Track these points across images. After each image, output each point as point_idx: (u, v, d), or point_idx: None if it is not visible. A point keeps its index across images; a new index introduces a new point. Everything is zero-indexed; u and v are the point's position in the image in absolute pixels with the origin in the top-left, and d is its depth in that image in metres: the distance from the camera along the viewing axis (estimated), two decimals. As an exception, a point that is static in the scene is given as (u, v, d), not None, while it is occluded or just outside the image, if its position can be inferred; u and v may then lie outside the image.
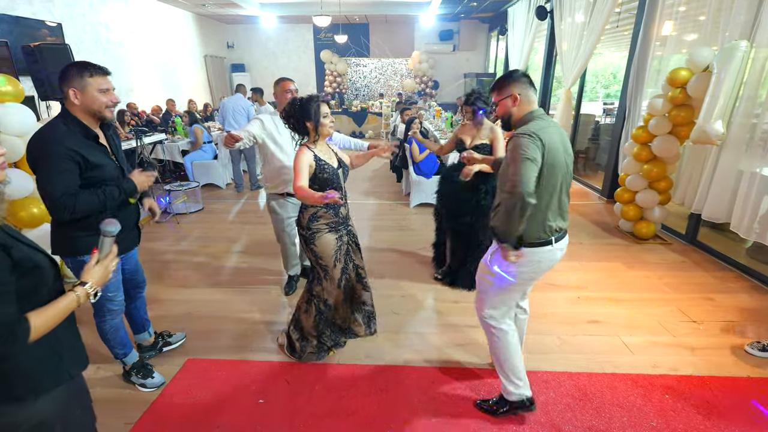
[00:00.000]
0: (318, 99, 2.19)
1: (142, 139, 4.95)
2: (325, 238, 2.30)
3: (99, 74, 1.78)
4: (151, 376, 2.33)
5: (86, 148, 1.78)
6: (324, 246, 2.30)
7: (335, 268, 2.36)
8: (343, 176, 2.37)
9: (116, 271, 2.10)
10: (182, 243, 4.48)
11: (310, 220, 2.28)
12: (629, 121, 5.21)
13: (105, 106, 1.81)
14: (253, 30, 13.68)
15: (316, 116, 2.18)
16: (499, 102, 1.90)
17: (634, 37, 5.16)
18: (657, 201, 4.26)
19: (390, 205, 5.75)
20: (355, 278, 2.57)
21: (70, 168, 1.72)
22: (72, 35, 6.91)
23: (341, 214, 2.37)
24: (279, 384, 2.34)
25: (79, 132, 1.79)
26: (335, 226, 2.33)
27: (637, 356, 2.57)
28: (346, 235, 2.42)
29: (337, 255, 2.35)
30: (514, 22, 9.54)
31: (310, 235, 2.29)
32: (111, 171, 1.88)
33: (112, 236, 1.28)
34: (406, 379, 2.38)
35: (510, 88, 1.85)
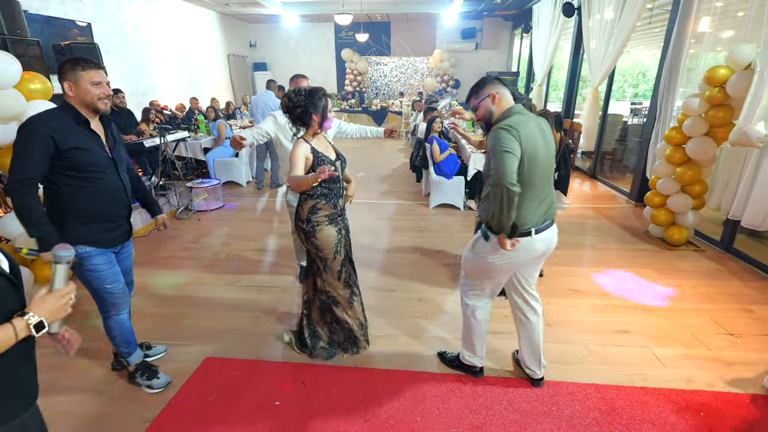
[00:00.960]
0: (325, 93, 2.19)
1: (165, 136, 5.01)
2: (326, 230, 2.30)
3: (91, 67, 1.82)
4: (157, 376, 2.29)
5: (72, 131, 1.81)
6: (325, 238, 2.30)
7: (335, 260, 2.36)
8: (341, 168, 2.36)
9: (110, 263, 2.04)
10: (202, 239, 4.51)
11: (310, 213, 2.28)
12: (660, 121, 5.00)
13: (98, 98, 1.84)
14: (275, 29, 13.80)
15: (324, 110, 2.19)
16: (478, 105, 1.96)
17: (668, 34, 4.95)
18: (690, 205, 4.07)
19: (409, 205, 5.68)
20: (354, 273, 2.57)
21: (39, 150, 1.74)
22: (101, 35, 7.07)
23: (339, 205, 2.36)
24: (296, 386, 2.31)
25: (70, 117, 1.84)
26: (334, 218, 2.33)
27: (669, 369, 2.44)
28: (344, 228, 2.42)
29: (337, 247, 2.35)
30: (539, 19, 9.31)
31: (311, 228, 2.29)
32: (98, 158, 1.89)
33: (67, 263, 1.15)
34: (424, 385, 2.31)
35: (486, 89, 1.94)
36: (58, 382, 2.36)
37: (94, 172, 1.88)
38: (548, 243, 2.00)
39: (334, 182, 2.29)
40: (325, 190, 2.27)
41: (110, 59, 7.14)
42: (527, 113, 1.92)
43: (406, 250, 4.14)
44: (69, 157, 1.80)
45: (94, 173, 1.88)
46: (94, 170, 1.88)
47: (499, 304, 3.00)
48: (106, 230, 2.00)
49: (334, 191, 2.30)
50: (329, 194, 2.28)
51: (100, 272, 2.00)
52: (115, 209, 2.01)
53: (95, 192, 1.90)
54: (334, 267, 2.37)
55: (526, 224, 1.88)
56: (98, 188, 1.91)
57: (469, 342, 2.31)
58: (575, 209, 5.44)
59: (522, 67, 11.89)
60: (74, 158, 1.81)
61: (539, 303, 2.23)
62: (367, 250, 4.07)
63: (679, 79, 4.79)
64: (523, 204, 1.85)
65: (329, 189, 2.27)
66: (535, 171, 1.82)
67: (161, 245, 4.34)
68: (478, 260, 2.03)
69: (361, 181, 6.92)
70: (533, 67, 10.00)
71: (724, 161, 4.05)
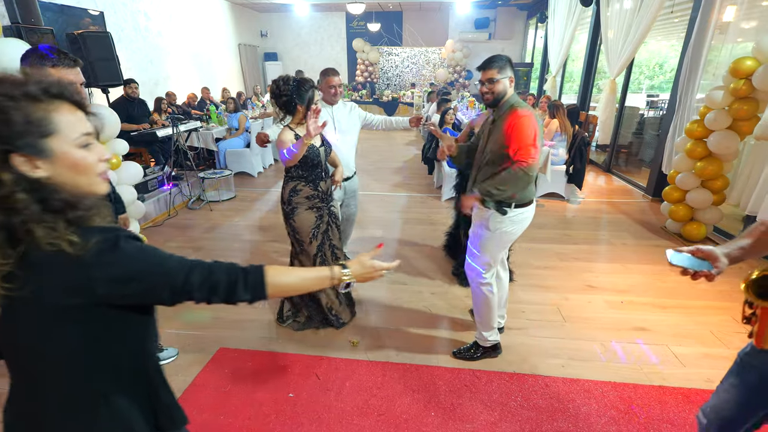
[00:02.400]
0: (313, 85, 2.26)
1: (178, 126, 5.01)
2: (304, 215, 2.40)
3: (65, 64, 1.48)
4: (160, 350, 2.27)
5: None
6: (302, 222, 2.41)
7: (310, 245, 2.44)
8: (325, 153, 2.45)
9: None
10: (215, 230, 4.53)
11: (291, 194, 2.38)
12: (680, 114, 4.87)
13: None
14: (286, 18, 13.71)
15: (309, 102, 2.26)
16: (500, 79, 2.04)
17: (690, 23, 4.80)
18: (710, 201, 3.97)
19: (421, 197, 5.64)
20: (331, 258, 2.59)
21: None
22: (113, 24, 7.07)
23: (321, 188, 2.44)
24: (309, 378, 2.31)
25: None
26: (315, 202, 2.42)
27: (688, 369, 2.39)
28: (327, 215, 2.50)
29: (314, 233, 2.44)
30: (555, 8, 9.11)
31: (290, 209, 2.41)
32: None
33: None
34: (438, 380, 2.29)
35: (508, 69, 2.05)
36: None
37: None
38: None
39: (315, 167, 2.39)
40: (304, 172, 2.38)
41: (122, 48, 7.15)
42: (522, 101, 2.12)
43: (418, 243, 4.12)
44: None
45: None
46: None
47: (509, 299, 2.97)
48: None
49: (314, 174, 2.40)
50: (308, 176, 2.38)
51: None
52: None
53: None
54: (309, 251, 2.47)
55: (531, 196, 2.15)
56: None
57: (488, 320, 2.36)
58: (590, 204, 5.35)
59: (536, 58, 11.69)
60: None
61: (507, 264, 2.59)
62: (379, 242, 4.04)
63: (700, 71, 4.66)
64: (535, 182, 2.13)
65: (308, 172, 2.38)
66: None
67: (173, 235, 4.36)
68: (497, 235, 2.16)
69: (372, 172, 6.88)
70: (548, 57, 9.81)
71: (747, 156, 3.94)
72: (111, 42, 5.62)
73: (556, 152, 5.24)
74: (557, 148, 5.25)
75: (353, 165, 3.14)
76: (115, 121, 3.38)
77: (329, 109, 2.99)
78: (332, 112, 2.99)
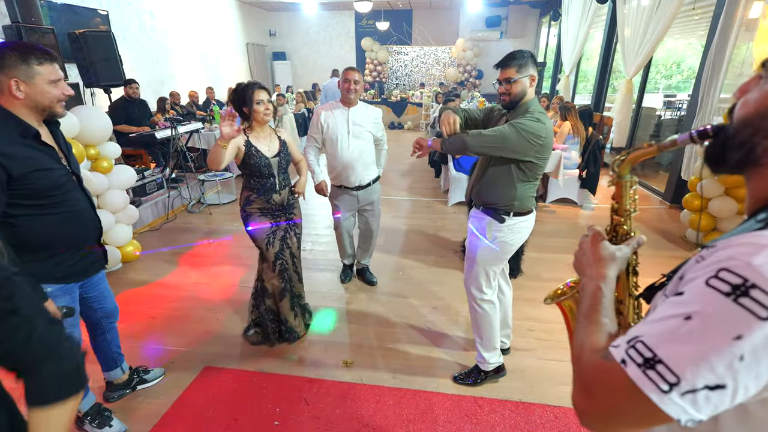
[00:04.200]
0: (254, 86, 2.25)
1: (177, 128, 4.90)
2: (258, 221, 2.39)
3: (48, 61, 1.44)
4: (109, 424, 1.96)
5: (22, 150, 1.41)
6: (255, 232, 2.40)
7: (268, 252, 2.43)
8: (279, 166, 2.38)
9: (74, 302, 1.72)
10: (214, 234, 4.40)
11: (245, 203, 2.40)
12: (701, 115, 4.60)
13: (57, 99, 1.49)
14: (294, 17, 13.61)
15: (249, 102, 2.24)
16: (518, 79, 1.83)
17: (714, 20, 4.53)
18: (734, 210, 3.72)
19: (427, 202, 5.45)
20: (292, 267, 2.55)
21: None
22: (118, 23, 7.01)
23: (273, 200, 2.41)
24: (297, 404, 2.14)
25: (13, 130, 1.41)
26: (269, 212, 2.41)
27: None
28: (284, 222, 2.49)
29: (270, 239, 2.42)
30: (569, 6, 8.82)
31: (245, 216, 2.41)
32: (58, 176, 1.52)
33: None
34: (436, 408, 2.11)
35: (529, 67, 1.84)
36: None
37: (55, 195, 1.52)
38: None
39: (266, 177, 2.33)
40: (256, 184, 2.35)
41: (127, 47, 7.09)
42: (540, 106, 1.94)
43: (421, 252, 3.93)
44: (24, 185, 1.42)
45: (57, 196, 1.52)
46: (56, 193, 1.52)
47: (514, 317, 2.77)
48: (75, 261, 1.65)
49: (266, 186, 2.35)
50: (260, 189, 2.35)
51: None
52: (84, 233, 1.68)
53: (59, 218, 1.56)
54: (269, 257, 2.44)
55: (530, 205, 2.03)
56: (63, 212, 1.56)
57: (490, 340, 2.21)
58: (604, 210, 5.10)
59: (549, 57, 11.39)
60: (31, 184, 1.43)
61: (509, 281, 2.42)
62: (380, 250, 3.86)
63: (723, 70, 4.39)
64: (530, 190, 1.99)
65: (260, 184, 2.34)
66: (545, 163, 1.94)
67: (170, 240, 4.24)
68: (498, 245, 2.04)
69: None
70: (561, 56, 9.52)
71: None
72: (113, 41, 5.52)
73: (569, 156, 5.00)
74: (570, 151, 5.02)
75: (366, 174, 2.94)
76: (105, 124, 3.25)
77: (345, 111, 2.82)
78: (348, 114, 2.82)
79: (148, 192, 4.70)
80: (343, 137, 2.82)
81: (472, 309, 2.20)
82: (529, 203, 2.01)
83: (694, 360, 0.48)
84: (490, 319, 2.15)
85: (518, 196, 1.95)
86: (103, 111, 3.70)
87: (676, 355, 0.49)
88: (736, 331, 0.46)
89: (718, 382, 0.47)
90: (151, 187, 4.75)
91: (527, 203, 2.00)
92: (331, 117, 2.82)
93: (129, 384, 2.21)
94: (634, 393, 0.51)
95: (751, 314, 0.46)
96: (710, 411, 0.49)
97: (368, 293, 3.22)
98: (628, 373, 0.53)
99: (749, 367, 0.46)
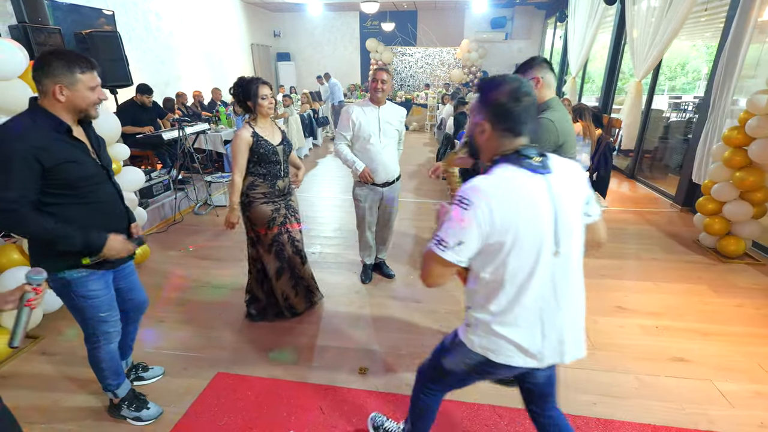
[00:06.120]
0: (259, 81, 2.37)
1: (184, 129, 4.86)
2: (261, 208, 2.52)
3: (90, 70, 1.56)
4: (146, 407, 2.03)
5: (55, 143, 1.53)
6: (258, 214, 2.53)
7: (266, 235, 2.57)
8: (284, 152, 2.56)
9: (108, 287, 1.82)
10: (221, 237, 4.36)
11: (248, 188, 2.50)
12: (713, 119, 4.55)
13: (93, 103, 1.61)
14: (299, 18, 13.58)
15: (254, 97, 2.37)
16: None
17: (727, 22, 4.48)
18: (750, 214, 3.66)
19: (434, 204, 5.40)
20: (292, 250, 2.70)
21: (27, 169, 1.47)
22: (124, 23, 6.98)
23: (278, 186, 2.57)
24: (312, 412, 2.10)
25: (48, 126, 1.53)
26: (272, 197, 2.54)
27: (738, 410, 2.12)
28: (284, 208, 2.62)
29: (270, 224, 2.55)
30: (576, 7, 8.77)
31: (247, 202, 2.52)
32: (88, 169, 1.63)
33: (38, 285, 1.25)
34: (455, 417, 2.06)
35: (533, 70, 1.87)
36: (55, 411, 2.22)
37: (85, 186, 1.63)
38: None
39: (274, 164, 2.49)
40: (263, 170, 2.50)
41: (133, 48, 7.06)
42: (562, 107, 1.92)
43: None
44: (56, 176, 1.54)
45: (86, 187, 1.63)
46: (86, 184, 1.63)
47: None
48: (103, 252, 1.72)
49: (273, 172, 2.51)
50: (267, 174, 2.51)
51: (95, 299, 1.75)
52: (112, 223, 1.76)
53: (89, 207, 1.66)
54: (265, 240, 2.59)
55: None
56: (92, 203, 1.66)
57: None
58: (614, 213, 5.06)
59: (555, 58, 11.34)
60: (63, 175, 1.55)
61: None
62: (390, 253, 3.81)
63: (736, 74, 4.34)
64: None
65: (267, 170, 2.49)
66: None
67: (176, 243, 4.20)
68: None
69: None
70: (567, 58, 9.47)
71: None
72: (120, 42, 5.50)
73: (579, 158, 4.95)
74: (581, 153, 4.96)
75: (394, 171, 3.05)
76: (114, 125, 3.22)
77: (376, 109, 2.89)
78: (378, 113, 2.89)
79: (155, 194, 4.67)
80: (375, 135, 2.89)
81: None
82: None
83: (448, 234, 1.10)
84: None
85: None
86: (110, 112, 3.67)
87: (443, 233, 1.11)
88: (462, 217, 1.07)
89: (459, 240, 1.09)
90: (157, 189, 4.72)
91: None
92: (363, 116, 2.88)
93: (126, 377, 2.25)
94: (435, 255, 1.12)
95: (464, 209, 1.07)
96: (465, 257, 1.12)
97: (381, 298, 3.18)
98: (431, 248, 1.14)
99: (471, 234, 1.08)
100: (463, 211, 1.06)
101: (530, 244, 1.09)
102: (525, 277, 1.13)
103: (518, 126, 1.12)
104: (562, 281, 1.16)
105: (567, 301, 1.19)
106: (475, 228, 1.06)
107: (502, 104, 1.11)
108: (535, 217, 1.09)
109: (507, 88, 1.12)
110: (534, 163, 1.10)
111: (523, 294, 1.14)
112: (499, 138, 1.14)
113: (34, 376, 2.35)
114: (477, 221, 1.06)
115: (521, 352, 1.20)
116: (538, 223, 1.09)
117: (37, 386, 2.27)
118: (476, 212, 1.05)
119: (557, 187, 1.11)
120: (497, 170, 1.12)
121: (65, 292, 1.72)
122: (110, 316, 1.84)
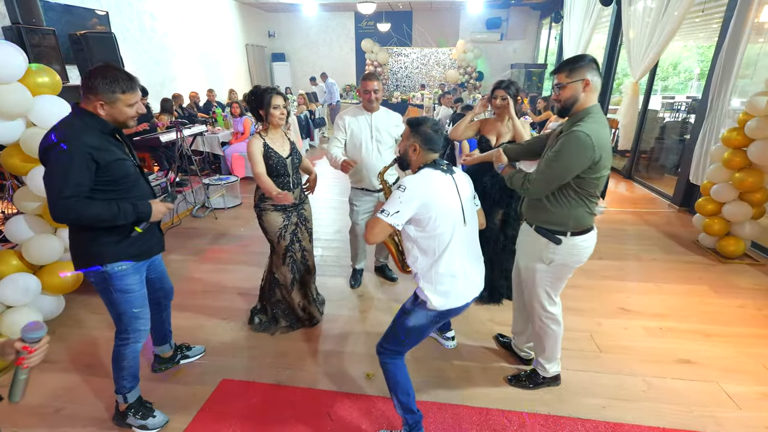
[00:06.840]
0: (272, 91, 2.40)
1: (182, 131, 4.81)
2: (271, 216, 2.55)
3: (131, 90, 1.68)
4: (152, 415, 2.02)
5: (105, 143, 1.68)
6: (269, 223, 2.56)
7: (279, 244, 2.60)
8: (293, 164, 2.55)
9: (142, 283, 1.93)
10: (220, 240, 4.32)
11: (260, 199, 2.55)
12: (710, 120, 4.59)
13: (131, 117, 1.74)
14: (294, 19, 13.52)
15: (267, 106, 2.39)
16: (567, 84, 1.77)
17: (725, 23, 4.51)
18: (749, 215, 3.70)
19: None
20: (301, 259, 2.71)
21: (85, 167, 1.61)
22: (118, 24, 6.90)
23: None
24: (320, 418, 2.08)
25: (97, 127, 1.67)
26: (283, 207, 2.56)
27: (745, 412, 2.13)
28: (296, 216, 2.63)
29: (282, 232, 2.58)
30: (571, 7, 8.80)
31: (259, 212, 2.57)
32: (129, 167, 1.78)
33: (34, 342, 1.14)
34: (464, 422, 2.05)
35: (583, 71, 1.75)
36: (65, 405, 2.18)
37: (126, 182, 1.76)
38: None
39: (282, 176, 2.49)
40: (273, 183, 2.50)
41: (127, 49, 6.98)
42: (602, 116, 1.79)
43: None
44: (106, 173, 1.67)
45: (127, 183, 1.76)
46: (126, 181, 1.76)
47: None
48: (143, 241, 1.86)
49: (281, 184, 2.50)
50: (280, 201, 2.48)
51: (131, 293, 1.86)
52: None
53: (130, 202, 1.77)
54: (279, 250, 2.62)
55: (589, 223, 1.92)
56: (132, 198, 1.77)
57: (552, 353, 2.21)
58: (613, 214, 5.08)
59: (550, 59, 11.38)
60: (111, 172, 1.69)
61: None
62: (393, 256, 3.80)
63: (734, 75, 4.37)
64: (592, 203, 1.89)
65: (276, 182, 2.47)
66: (605, 174, 1.81)
67: (175, 246, 4.15)
68: (552, 268, 1.98)
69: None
70: (563, 58, 9.50)
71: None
72: (115, 42, 5.44)
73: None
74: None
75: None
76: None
77: (368, 116, 2.90)
78: (371, 119, 2.90)
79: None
80: (366, 142, 2.91)
81: (533, 323, 2.19)
82: (586, 220, 1.89)
83: (390, 206, 1.58)
84: (555, 336, 2.15)
85: (573, 215, 1.86)
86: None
87: (387, 206, 1.58)
88: (400, 197, 1.57)
89: (397, 209, 1.56)
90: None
91: (584, 220, 1.89)
92: (355, 123, 2.90)
93: (173, 359, 2.45)
94: (379, 220, 1.57)
95: (401, 191, 1.58)
96: (400, 221, 1.57)
97: (382, 301, 3.16)
98: (377, 215, 1.59)
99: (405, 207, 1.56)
100: (401, 193, 1.57)
101: (449, 216, 1.62)
102: (449, 240, 1.63)
103: (436, 146, 1.68)
104: (471, 243, 1.75)
105: (474, 255, 1.76)
106: (407, 203, 1.56)
107: (429, 133, 1.67)
108: (449, 198, 1.64)
109: (430, 123, 1.69)
110: (444, 168, 1.67)
111: (449, 252, 1.64)
112: (425, 154, 1.69)
113: (36, 385, 2.31)
114: (409, 198, 1.56)
115: (461, 294, 1.69)
116: (451, 203, 1.64)
117: (39, 394, 2.23)
118: (409, 193, 1.56)
119: (459, 183, 1.69)
120: (422, 172, 1.66)
121: (105, 287, 1.81)
122: (142, 312, 1.94)
